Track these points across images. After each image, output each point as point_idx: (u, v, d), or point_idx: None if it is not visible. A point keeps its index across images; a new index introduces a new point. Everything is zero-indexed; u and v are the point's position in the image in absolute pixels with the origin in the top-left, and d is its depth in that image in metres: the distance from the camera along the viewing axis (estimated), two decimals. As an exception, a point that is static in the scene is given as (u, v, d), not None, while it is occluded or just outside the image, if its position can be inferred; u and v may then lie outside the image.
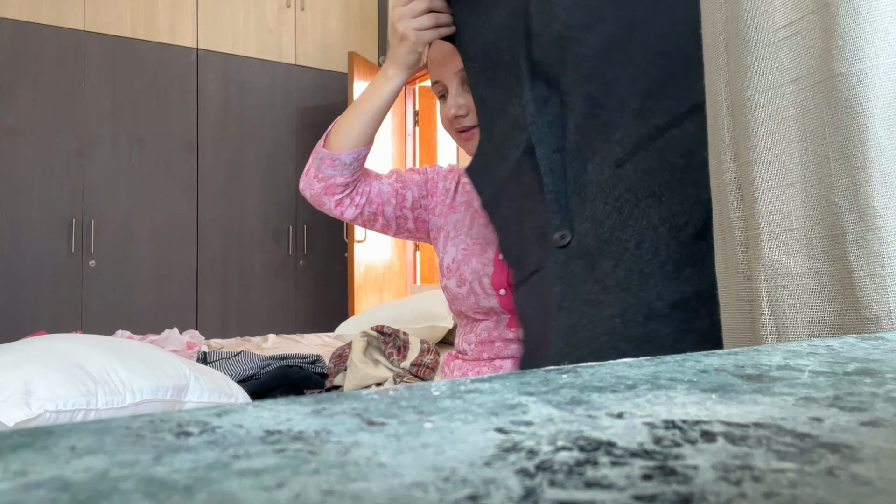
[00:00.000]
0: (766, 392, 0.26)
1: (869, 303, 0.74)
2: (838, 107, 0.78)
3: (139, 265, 3.46)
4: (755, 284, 0.90)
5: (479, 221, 1.09)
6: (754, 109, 0.87)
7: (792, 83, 0.84)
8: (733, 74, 0.93)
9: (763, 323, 0.89)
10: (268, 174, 3.81)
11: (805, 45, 0.82)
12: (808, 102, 0.82)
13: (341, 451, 0.19)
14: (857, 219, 0.76)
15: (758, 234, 0.89)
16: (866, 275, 0.74)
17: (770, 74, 0.86)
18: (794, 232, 0.84)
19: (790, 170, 0.84)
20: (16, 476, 0.16)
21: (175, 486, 0.16)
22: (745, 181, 0.92)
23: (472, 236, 1.08)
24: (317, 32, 3.99)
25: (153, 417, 0.22)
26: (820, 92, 0.81)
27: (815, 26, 0.79)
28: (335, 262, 3.98)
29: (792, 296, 0.84)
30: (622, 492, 0.15)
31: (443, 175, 1.18)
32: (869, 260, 0.74)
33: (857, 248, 0.76)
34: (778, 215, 0.87)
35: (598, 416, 0.23)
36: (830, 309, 0.81)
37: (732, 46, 0.91)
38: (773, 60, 0.85)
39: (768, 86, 0.86)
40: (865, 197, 0.75)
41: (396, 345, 1.80)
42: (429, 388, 0.27)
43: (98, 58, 3.39)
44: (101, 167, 3.39)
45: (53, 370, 1.03)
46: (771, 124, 0.86)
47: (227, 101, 3.71)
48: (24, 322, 3.17)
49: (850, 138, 0.76)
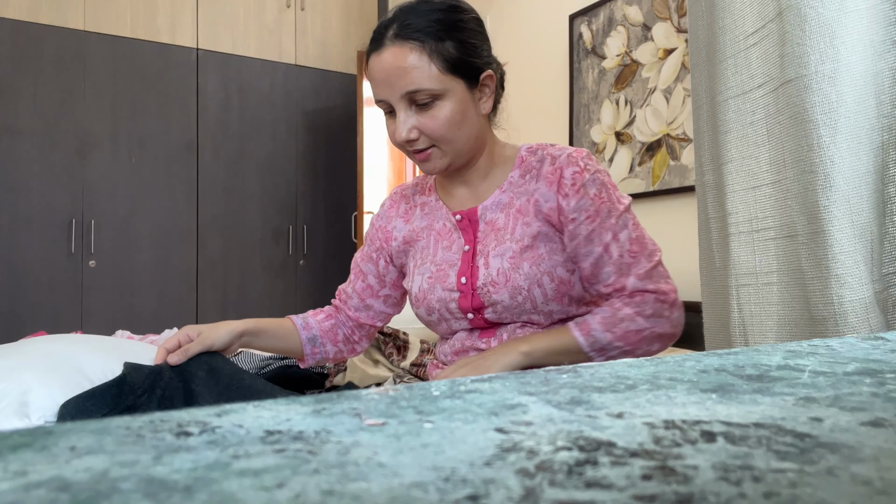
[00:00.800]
0: (766, 392, 0.26)
1: (817, 304, 0.74)
2: (791, 112, 0.78)
3: (139, 265, 3.46)
4: (727, 283, 0.91)
5: (442, 245, 1.06)
6: (727, 114, 0.88)
7: (758, 88, 0.84)
8: (711, 80, 0.93)
9: (733, 320, 0.90)
10: (268, 174, 3.81)
11: (767, 52, 0.82)
12: (771, 107, 0.82)
13: (341, 451, 0.18)
14: (807, 221, 0.76)
15: (728, 235, 0.90)
16: (815, 276, 0.74)
17: (740, 80, 0.86)
18: (759, 233, 0.85)
19: (756, 173, 0.85)
20: (16, 476, 0.16)
21: (175, 486, 0.16)
22: (719, 183, 0.93)
23: (436, 262, 1.05)
24: (317, 32, 3.99)
25: (153, 417, 0.22)
26: (779, 97, 0.81)
27: (774, 33, 0.80)
28: (335, 262, 3.98)
29: (756, 294, 0.85)
30: (622, 492, 0.15)
31: (386, 209, 1.17)
32: (817, 262, 0.75)
33: (808, 249, 0.76)
34: (744, 216, 0.87)
35: (598, 416, 0.22)
36: (788, 309, 0.81)
37: (710, 53, 0.91)
38: (743, 67, 0.85)
39: (738, 91, 0.87)
40: (813, 200, 0.75)
41: (396, 345, 1.80)
42: (429, 388, 0.27)
43: (98, 58, 3.39)
44: (101, 167, 3.39)
45: (53, 377, 1.03)
46: (741, 128, 0.86)
47: (227, 101, 3.71)
48: (24, 322, 3.17)
49: (800, 143, 0.76)
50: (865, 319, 0.70)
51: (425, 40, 0.93)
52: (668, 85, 2.25)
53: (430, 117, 0.94)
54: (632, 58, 2.40)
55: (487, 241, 1.02)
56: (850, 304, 0.70)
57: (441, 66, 0.93)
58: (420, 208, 1.12)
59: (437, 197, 1.10)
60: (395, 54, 0.93)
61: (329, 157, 3.99)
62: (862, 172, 0.71)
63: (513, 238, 0.99)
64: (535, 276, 0.97)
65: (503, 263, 0.98)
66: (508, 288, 0.97)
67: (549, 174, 0.99)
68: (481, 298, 1.00)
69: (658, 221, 2.21)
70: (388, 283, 1.16)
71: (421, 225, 1.10)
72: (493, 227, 1.02)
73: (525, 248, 0.98)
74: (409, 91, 0.93)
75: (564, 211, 0.97)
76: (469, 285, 1.00)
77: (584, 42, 2.63)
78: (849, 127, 0.71)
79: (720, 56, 0.86)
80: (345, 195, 4.02)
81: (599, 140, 2.54)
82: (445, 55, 0.93)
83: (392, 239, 1.13)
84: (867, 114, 0.71)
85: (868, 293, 0.70)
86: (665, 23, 2.27)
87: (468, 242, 1.03)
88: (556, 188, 0.98)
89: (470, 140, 0.99)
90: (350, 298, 1.17)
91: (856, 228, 0.71)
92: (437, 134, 0.95)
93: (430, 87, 0.93)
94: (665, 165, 2.26)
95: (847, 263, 0.71)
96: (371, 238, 1.16)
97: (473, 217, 1.04)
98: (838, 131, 0.72)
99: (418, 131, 0.95)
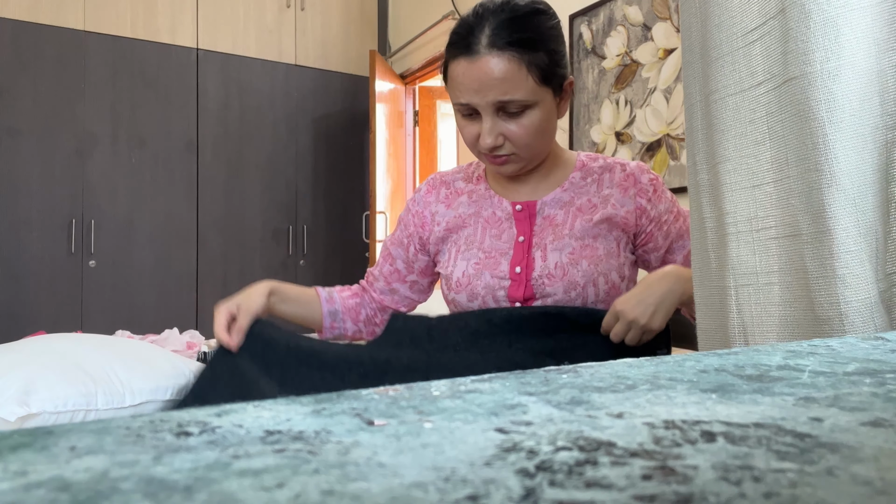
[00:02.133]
0: (766, 392, 0.26)
1: (822, 304, 0.74)
2: (794, 110, 0.78)
3: (139, 265, 3.46)
4: (725, 284, 0.90)
5: (490, 233, 1.06)
6: (724, 112, 0.87)
7: (758, 86, 0.83)
8: (706, 78, 0.93)
9: (731, 321, 0.89)
10: (268, 174, 3.81)
11: (768, 49, 0.82)
12: (772, 105, 0.81)
13: (341, 451, 0.18)
14: (811, 220, 0.76)
15: (726, 235, 0.89)
16: (819, 276, 0.74)
17: (738, 78, 0.86)
18: (759, 232, 0.84)
19: (756, 172, 0.84)
20: (16, 476, 0.16)
21: (175, 486, 0.16)
22: (715, 182, 0.92)
23: (485, 250, 1.05)
24: (317, 32, 3.99)
25: (153, 417, 0.22)
26: (781, 95, 0.80)
27: (776, 30, 0.79)
28: (335, 262, 3.98)
29: (757, 295, 0.84)
30: (622, 492, 0.15)
31: (423, 195, 1.16)
32: (821, 262, 0.74)
33: (811, 249, 0.75)
34: (744, 216, 0.86)
35: (598, 416, 0.23)
36: (791, 310, 0.80)
37: (705, 51, 0.91)
38: (742, 64, 0.84)
39: (737, 89, 0.86)
40: (818, 199, 0.75)
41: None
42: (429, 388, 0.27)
43: (98, 58, 3.39)
44: (101, 167, 3.39)
45: (53, 371, 1.03)
46: (739, 127, 0.86)
47: (227, 101, 3.71)
48: (24, 322, 3.17)
49: (803, 141, 0.76)
50: (871, 319, 0.70)
51: (523, 51, 0.92)
52: (668, 85, 2.25)
53: (519, 125, 0.95)
54: (632, 58, 2.40)
55: (544, 235, 1.03)
56: (855, 304, 0.70)
57: (537, 78, 0.93)
58: (467, 195, 1.12)
59: (487, 186, 1.10)
60: (493, 64, 0.92)
61: (330, 157, 3.99)
62: (866, 171, 0.71)
63: (572, 234, 1.01)
64: (592, 275, 0.98)
65: (562, 258, 0.99)
66: (564, 282, 0.98)
67: (621, 181, 1.04)
68: (534, 290, 1.00)
69: (658, 221, 2.21)
70: (417, 269, 1.16)
71: (468, 211, 1.10)
72: (550, 221, 1.03)
73: (584, 246, 1.00)
74: (503, 100, 0.93)
75: (652, 214, 1.04)
76: (524, 275, 1.01)
77: (584, 42, 2.63)
78: (853, 125, 0.71)
79: (716, 53, 0.86)
80: (346, 195, 4.02)
81: (599, 140, 2.54)
82: (541, 66, 0.93)
83: (431, 223, 1.13)
84: (871, 112, 0.71)
85: (873, 293, 0.70)
86: (665, 23, 2.27)
87: (522, 234, 1.04)
88: (633, 193, 1.03)
89: (548, 146, 1.02)
90: (377, 281, 1.17)
91: (861, 227, 0.71)
92: (523, 142, 0.96)
93: (524, 98, 0.93)
94: (665, 165, 2.26)
95: (852, 263, 0.71)
96: (405, 223, 1.16)
97: (532, 210, 1.05)
98: (843, 129, 0.72)
99: (504, 138, 0.96)
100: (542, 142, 0.99)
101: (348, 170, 4.02)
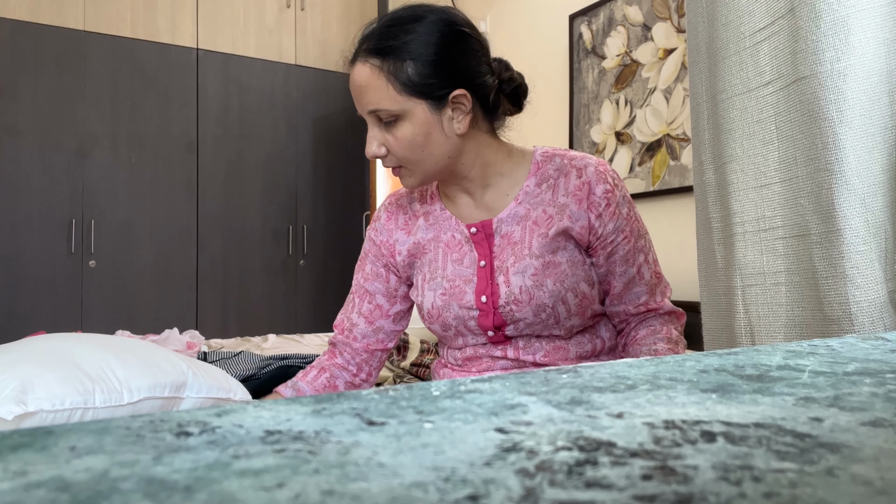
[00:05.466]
0: (766, 392, 0.26)
1: (831, 304, 0.74)
2: (804, 109, 0.77)
3: (139, 265, 3.46)
4: (731, 283, 0.90)
5: (451, 258, 1.02)
6: (731, 112, 0.87)
7: (766, 86, 0.83)
8: (712, 78, 0.92)
9: (738, 321, 0.89)
10: (268, 174, 3.81)
11: (777, 49, 0.81)
12: (781, 105, 0.81)
13: (341, 451, 0.18)
14: (820, 220, 0.76)
15: (732, 234, 0.89)
16: (828, 275, 0.73)
17: (745, 78, 0.86)
18: (767, 232, 0.84)
19: (764, 171, 0.84)
20: (16, 476, 0.16)
21: (175, 486, 0.16)
22: (722, 182, 0.92)
23: (449, 278, 1.01)
24: (317, 32, 3.99)
25: (153, 417, 0.22)
26: (790, 94, 0.80)
27: (785, 30, 0.79)
28: (335, 263, 3.98)
29: (764, 295, 0.84)
30: (622, 492, 0.15)
31: (383, 223, 1.11)
32: (831, 261, 0.74)
33: (821, 249, 0.75)
34: (751, 216, 0.86)
35: (598, 416, 0.22)
36: (799, 309, 0.80)
37: (712, 51, 0.90)
38: (749, 64, 0.84)
39: (744, 89, 0.86)
40: (828, 199, 0.75)
41: (396, 345, 1.80)
42: (429, 388, 0.27)
43: (98, 58, 3.39)
44: (101, 167, 3.39)
45: (50, 369, 1.03)
46: (746, 126, 0.85)
47: (227, 101, 3.71)
48: (24, 322, 3.17)
49: (813, 140, 0.75)
50: (879, 319, 0.69)
51: (385, 60, 0.90)
52: (668, 85, 2.25)
53: (394, 136, 0.93)
54: (632, 58, 2.40)
55: (504, 257, 0.99)
56: (864, 304, 0.70)
57: (398, 88, 0.90)
58: (423, 218, 1.07)
59: (441, 206, 1.06)
60: (360, 72, 0.92)
61: (330, 157, 3.99)
62: (876, 171, 0.71)
63: (531, 253, 0.97)
64: (560, 293, 0.96)
65: (525, 280, 0.96)
66: (532, 306, 0.95)
67: (576, 189, 0.98)
68: (504, 317, 0.97)
69: (658, 221, 2.21)
70: (399, 297, 1.10)
71: (427, 236, 1.05)
72: (508, 240, 0.99)
73: (546, 263, 0.96)
74: (371, 110, 0.92)
75: (599, 233, 0.97)
76: (490, 304, 0.97)
77: (584, 42, 2.63)
78: (863, 125, 0.71)
79: (723, 53, 0.86)
80: (346, 195, 4.02)
81: (599, 140, 2.54)
82: (403, 77, 0.90)
83: (396, 253, 1.08)
84: (881, 112, 0.71)
85: (882, 293, 0.70)
86: (665, 23, 2.27)
87: (483, 257, 1.00)
88: (586, 206, 0.97)
89: (440, 161, 0.96)
90: (355, 326, 1.10)
91: (870, 227, 0.71)
92: (400, 154, 0.94)
93: (388, 107, 0.91)
94: (665, 165, 2.26)
95: (861, 263, 0.71)
96: (374, 255, 1.11)
97: (489, 230, 1.00)
98: (853, 129, 0.72)
99: (385, 149, 0.95)
100: (423, 155, 0.94)
101: (348, 170, 4.02)
